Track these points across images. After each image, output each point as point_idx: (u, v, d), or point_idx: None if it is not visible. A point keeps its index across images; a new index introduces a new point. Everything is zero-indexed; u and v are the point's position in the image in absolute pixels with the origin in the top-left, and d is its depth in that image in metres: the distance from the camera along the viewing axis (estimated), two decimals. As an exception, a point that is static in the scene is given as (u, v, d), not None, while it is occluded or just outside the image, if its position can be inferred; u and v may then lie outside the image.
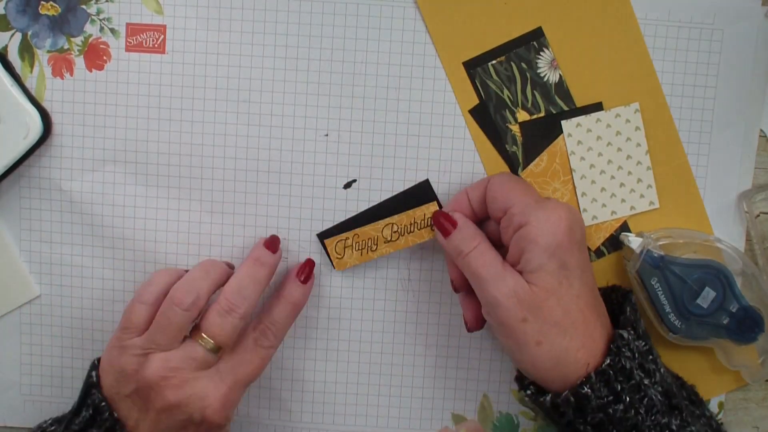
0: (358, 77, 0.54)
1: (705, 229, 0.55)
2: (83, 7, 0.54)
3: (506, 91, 0.54)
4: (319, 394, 0.58)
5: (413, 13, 0.54)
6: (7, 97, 0.53)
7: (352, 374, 0.58)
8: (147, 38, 0.54)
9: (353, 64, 0.54)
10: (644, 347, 0.49)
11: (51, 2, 0.54)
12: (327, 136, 0.55)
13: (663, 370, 0.50)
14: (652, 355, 0.50)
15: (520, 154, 0.55)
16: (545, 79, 0.54)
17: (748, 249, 0.56)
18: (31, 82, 0.54)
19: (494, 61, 0.54)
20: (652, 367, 0.49)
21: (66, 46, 0.54)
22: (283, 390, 0.58)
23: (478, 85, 0.54)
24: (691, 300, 0.52)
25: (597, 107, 0.54)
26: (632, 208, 0.55)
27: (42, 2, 0.54)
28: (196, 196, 0.56)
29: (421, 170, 0.55)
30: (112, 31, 0.54)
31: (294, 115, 0.55)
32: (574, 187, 0.55)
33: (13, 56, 0.54)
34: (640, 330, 0.50)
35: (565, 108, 0.54)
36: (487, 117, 0.55)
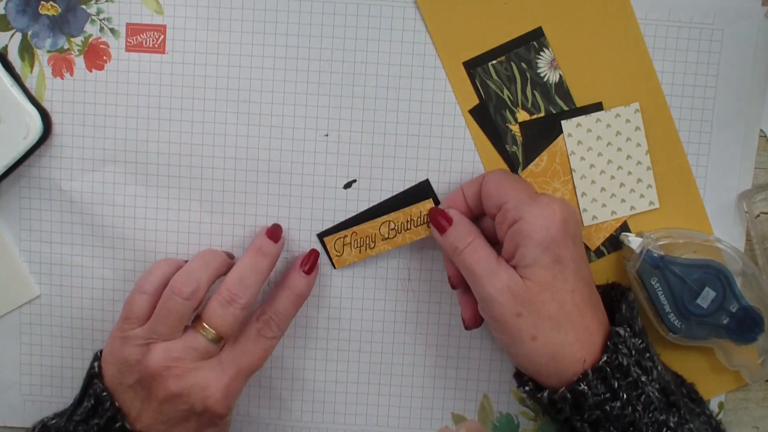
0: (358, 77, 0.54)
1: (705, 229, 0.55)
2: (83, 7, 0.54)
3: (506, 91, 0.54)
4: (319, 393, 0.58)
5: (413, 13, 0.54)
6: (7, 97, 0.53)
7: (352, 374, 0.58)
8: (147, 38, 0.54)
9: (353, 64, 0.54)
10: (641, 345, 0.49)
11: (51, 2, 0.54)
12: (327, 136, 0.55)
13: (660, 367, 0.50)
14: (649, 353, 0.50)
15: (520, 154, 0.55)
16: (545, 79, 0.54)
17: (748, 249, 0.56)
18: (31, 82, 0.54)
19: (494, 61, 0.54)
20: (649, 364, 0.49)
21: (66, 46, 0.54)
22: (283, 389, 0.58)
23: (478, 85, 0.54)
24: (691, 300, 0.52)
25: (597, 107, 0.54)
26: (632, 208, 0.55)
27: (42, 2, 0.54)
28: (196, 196, 0.56)
29: (421, 170, 0.55)
30: (112, 31, 0.54)
31: (294, 115, 0.55)
32: (574, 187, 0.55)
33: (13, 56, 0.54)
34: (636, 327, 0.50)
35: (565, 108, 0.54)
36: (487, 117, 0.55)
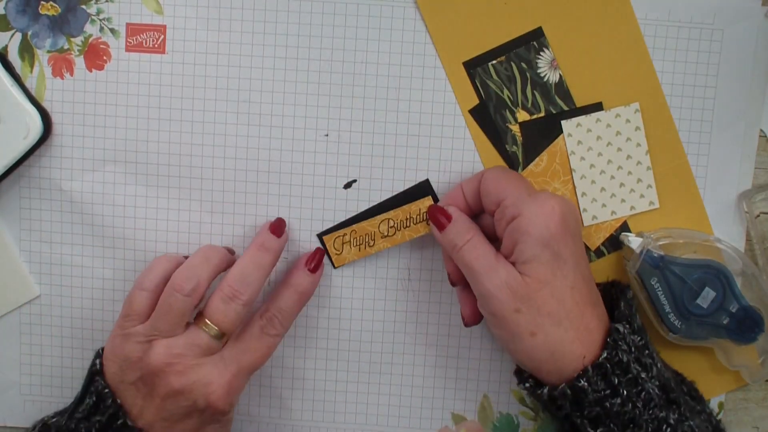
0: (358, 77, 0.54)
1: (705, 229, 0.55)
2: (83, 7, 0.54)
3: (506, 91, 0.54)
4: (319, 392, 0.58)
5: (413, 13, 0.54)
6: (7, 97, 0.53)
7: (352, 373, 0.58)
8: (147, 38, 0.54)
9: (353, 64, 0.54)
10: (640, 342, 0.49)
11: (51, 2, 0.54)
12: (327, 136, 0.55)
13: (660, 364, 0.50)
14: (649, 350, 0.50)
15: (520, 154, 0.55)
16: (545, 79, 0.54)
17: (748, 249, 0.56)
18: (31, 82, 0.54)
19: (494, 61, 0.54)
20: (649, 361, 0.49)
21: (66, 46, 0.54)
22: (284, 389, 0.58)
23: (478, 85, 0.54)
24: (691, 300, 0.52)
25: (597, 107, 0.54)
26: (632, 208, 0.55)
27: (42, 2, 0.54)
28: (196, 196, 0.56)
29: (421, 170, 0.55)
30: (112, 31, 0.54)
31: (294, 115, 0.55)
32: (574, 187, 0.55)
33: (13, 56, 0.54)
34: (635, 324, 0.50)
35: (565, 108, 0.54)
36: (487, 117, 0.55)
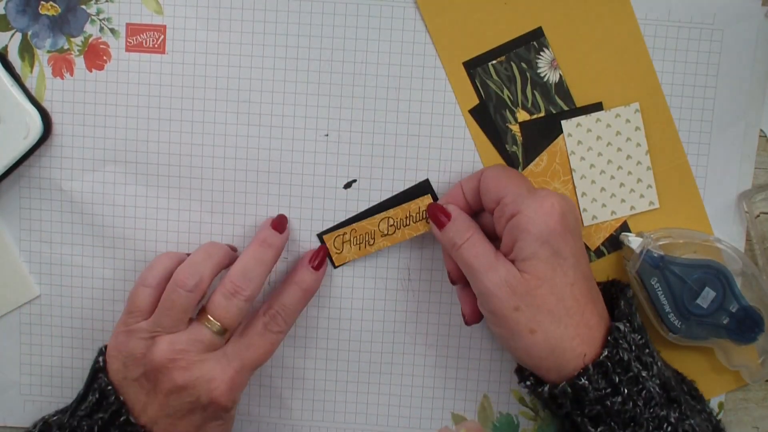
0: (358, 77, 0.54)
1: (705, 229, 0.55)
2: (83, 7, 0.54)
3: (506, 91, 0.54)
4: (319, 392, 0.58)
5: (413, 13, 0.54)
6: (7, 97, 0.53)
7: (352, 373, 0.58)
8: (147, 38, 0.54)
9: (353, 64, 0.54)
10: (640, 340, 0.49)
11: (51, 2, 0.54)
12: (327, 136, 0.55)
13: (660, 363, 0.50)
14: (649, 348, 0.50)
15: (520, 154, 0.55)
16: (545, 79, 0.54)
17: (748, 249, 0.56)
18: (31, 82, 0.54)
19: (494, 61, 0.54)
20: (650, 359, 0.49)
21: (66, 46, 0.54)
22: (284, 388, 0.58)
23: (478, 85, 0.54)
24: (691, 300, 0.52)
25: (597, 107, 0.54)
26: (632, 208, 0.55)
27: (42, 2, 0.54)
28: (196, 196, 0.56)
29: (421, 170, 0.55)
30: (112, 31, 0.54)
31: (294, 115, 0.55)
32: (574, 187, 0.55)
33: (13, 56, 0.54)
34: (635, 323, 0.50)
35: (565, 108, 0.54)
36: (487, 117, 0.55)
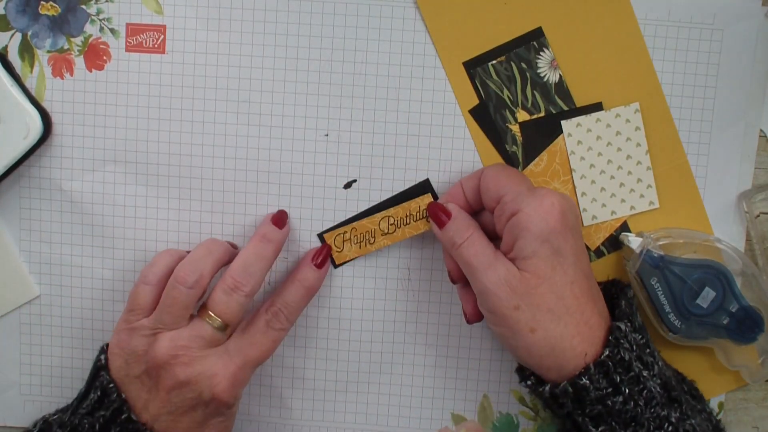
0: (358, 77, 0.54)
1: (705, 229, 0.55)
2: (83, 7, 0.54)
3: (506, 91, 0.54)
4: (319, 392, 0.58)
5: (413, 13, 0.54)
6: (7, 97, 0.53)
7: (352, 373, 0.58)
8: (147, 38, 0.54)
9: (353, 64, 0.54)
10: (641, 340, 0.49)
11: (51, 2, 0.54)
12: (327, 136, 0.55)
13: (661, 363, 0.50)
14: (650, 348, 0.50)
15: (520, 154, 0.55)
16: (545, 79, 0.54)
17: (748, 249, 0.56)
18: (31, 82, 0.54)
19: (494, 61, 0.54)
20: (650, 359, 0.49)
21: (66, 46, 0.54)
22: (284, 388, 0.58)
23: (478, 85, 0.54)
24: (691, 300, 0.52)
25: (597, 107, 0.54)
26: (632, 208, 0.55)
27: (42, 2, 0.54)
28: (196, 196, 0.56)
29: (421, 170, 0.55)
30: (112, 31, 0.54)
31: (294, 115, 0.55)
32: (574, 187, 0.55)
33: (13, 56, 0.54)
34: (636, 323, 0.50)
35: (565, 108, 0.54)
36: (487, 117, 0.55)
